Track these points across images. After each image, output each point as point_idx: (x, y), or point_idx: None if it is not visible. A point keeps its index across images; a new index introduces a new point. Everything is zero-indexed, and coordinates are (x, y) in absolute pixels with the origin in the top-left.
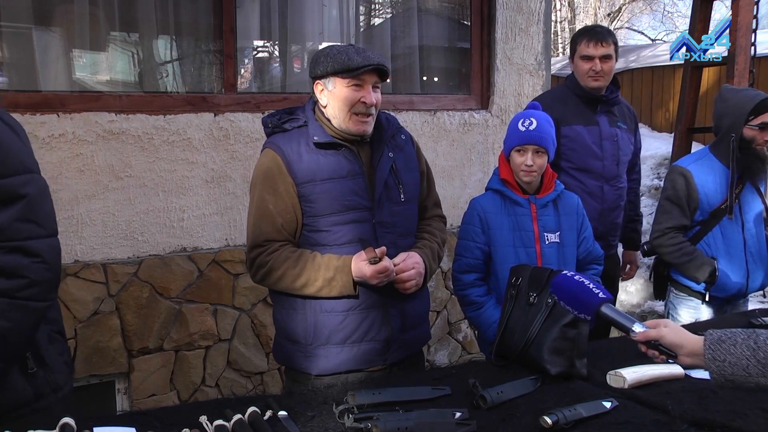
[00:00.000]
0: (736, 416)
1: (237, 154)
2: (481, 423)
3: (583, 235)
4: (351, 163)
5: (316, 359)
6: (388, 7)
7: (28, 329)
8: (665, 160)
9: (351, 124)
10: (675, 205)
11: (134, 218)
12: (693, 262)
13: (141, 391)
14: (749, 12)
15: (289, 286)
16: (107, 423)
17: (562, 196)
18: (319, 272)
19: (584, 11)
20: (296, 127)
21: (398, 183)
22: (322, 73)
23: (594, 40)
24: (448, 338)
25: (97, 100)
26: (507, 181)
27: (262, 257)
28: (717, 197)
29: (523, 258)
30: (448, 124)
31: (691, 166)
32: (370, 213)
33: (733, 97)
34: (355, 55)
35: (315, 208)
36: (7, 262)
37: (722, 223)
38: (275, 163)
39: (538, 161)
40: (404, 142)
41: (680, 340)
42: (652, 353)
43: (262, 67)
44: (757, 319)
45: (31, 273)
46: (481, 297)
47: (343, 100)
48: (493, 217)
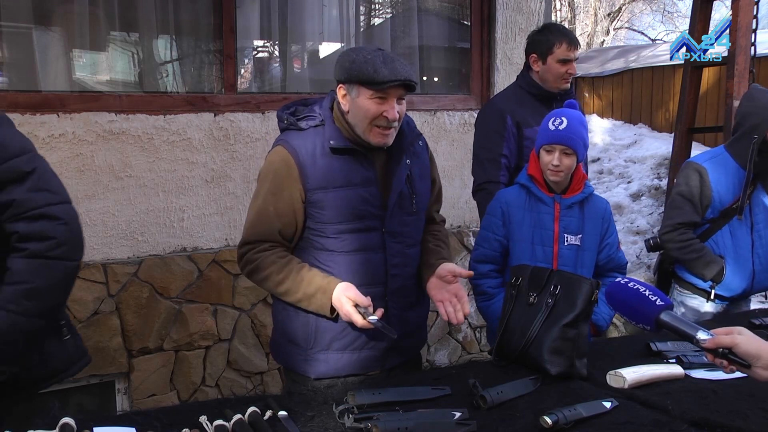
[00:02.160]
0: (736, 416)
1: (237, 154)
2: (481, 423)
3: (607, 241)
4: (366, 170)
5: (315, 363)
6: (388, 7)
7: (63, 287)
8: (665, 160)
9: (371, 136)
10: (687, 201)
11: (134, 218)
12: (701, 259)
13: (141, 391)
14: (749, 12)
15: (272, 289)
16: (107, 423)
17: (590, 199)
18: (300, 285)
19: (584, 11)
20: (312, 126)
21: (412, 193)
22: (345, 78)
23: (573, 45)
24: (448, 338)
25: (97, 100)
26: (534, 178)
27: (251, 254)
28: (729, 196)
29: (540, 256)
30: (448, 124)
31: (707, 163)
32: (380, 222)
33: (763, 97)
34: (382, 67)
35: (325, 215)
36: (34, 228)
37: (732, 223)
38: (286, 164)
39: (566, 161)
40: (421, 150)
41: (757, 350)
42: (720, 362)
43: (262, 67)
44: (758, 319)
45: (57, 234)
46: (494, 288)
47: (365, 112)
48: (516, 211)
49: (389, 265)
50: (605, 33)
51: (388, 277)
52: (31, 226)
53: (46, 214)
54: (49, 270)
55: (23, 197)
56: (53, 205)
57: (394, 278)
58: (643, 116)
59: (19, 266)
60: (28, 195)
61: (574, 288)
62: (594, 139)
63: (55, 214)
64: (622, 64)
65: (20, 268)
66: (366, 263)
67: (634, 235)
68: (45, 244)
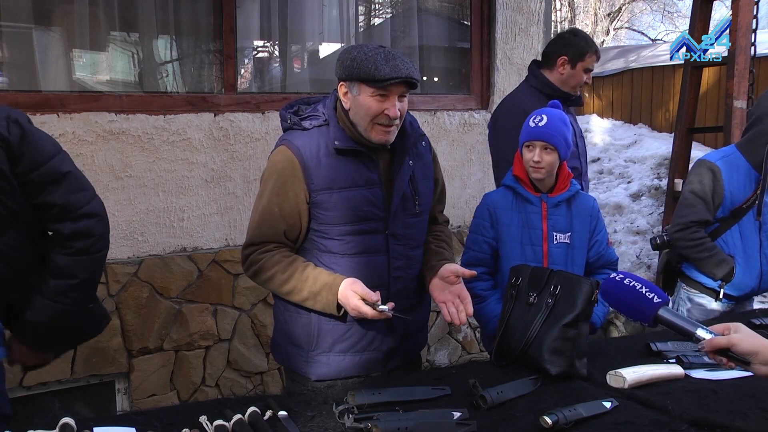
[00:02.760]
0: (736, 416)
1: (237, 154)
2: (481, 423)
3: (596, 238)
4: (370, 172)
5: (316, 365)
6: (388, 7)
7: (101, 272)
8: (665, 160)
9: (373, 134)
10: (700, 199)
11: (134, 218)
12: (713, 258)
13: (141, 391)
14: (749, 12)
15: (276, 290)
16: (107, 423)
17: (577, 197)
18: (306, 283)
19: (584, 11)
20: (317, 126)
21: (415, 194)
22: (346, 76)
23: (598, 57)
24: (448, 338)
25: (97, 100)
26: (520, 178)
27: (256, 255)
28: (740, 196)
29: (530, 256)
30: (448, 124)
31: (719, 162)
32: (383, 224)
33: None
34: (383, 65)
35: (329, 216)
36: (78, 228)
37: (741, 223)
38: (291, 164)
39: (547, 158)
40: (425, 150)
41: (754, 347)
42: (719, 360)
43: (262, 67)
44: (758, 319)
45: (97, 229)
46: (485, 291)
47: (366, 110)
48: (503, 212)
49: (392, 267)
50: (605, 33)
51: (390, 279)
52: (75, 226)
53: (87, 213)
54: (93, 263)
55: (66, 201)
56: (90, 203)
57: (397, 281)
58: (643, 116)
59: (65, 262)
60: (69, 197)
61: (574, 288)
62: (594, 139)
63: (93, 211)
64: (622, 64)
65: (67, 263)
66: (369, 266)
67: (634, 235)
68: (88, 241)
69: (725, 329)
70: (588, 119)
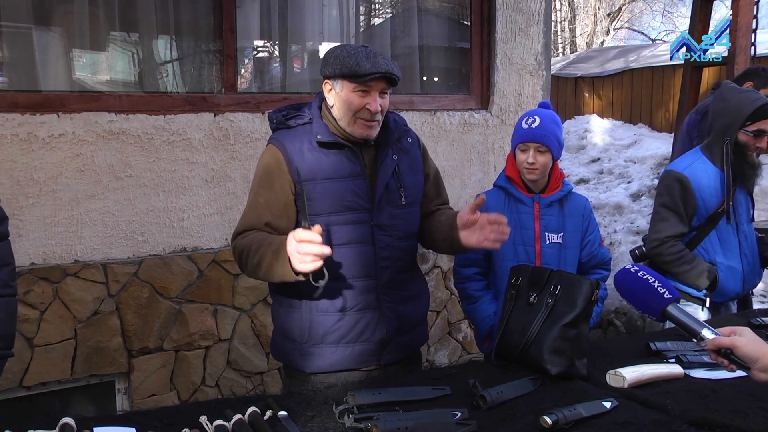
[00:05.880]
0: (736, 416)
1: (237, 154)
2: (481, 423)
3: (588, 238)
4: (353, 164)
5: (311, 357)
6: (388, 7)
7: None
8: (665, 160)
9: (355, 128)
10: (672, 212)
11: (134, 218)
12: (694, 270)
13: (141, 391)
14: (749, 12)
15: (253, 269)
16: (107, 423)
17: (569, 197)
18: (268, 249)
19: (584, 11)
20: (301, 124)
21: (400, 186)
22: (330, 73)
23: None
24: (448, 338)
25: (97, 100)
26: (512, 179)
27: (237, 240)
28: (713, 201)
29: (522, 256)
30: (448, 124)
31: (687, 171)
32: (368, 214)
33: (733, 97)
34: (364, 61)
35: (314, 206)
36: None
37: (718, 228)
38: (276, 159)
39: (541, 159)
40: (410, 145)
41: (756, 352)
42: (721, 361)
43: (262, 67)
44: (757, 319)
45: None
46: (478, 291)
47: (348, 105)
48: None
49: (378, 257)
50: (605, 33)
51: (377, 269)
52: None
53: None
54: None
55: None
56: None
57: (384, 270)
58: (643, 116)
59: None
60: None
61: (574, 288)
62: (594, 139)
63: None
64: (622, 64)
65: None
66: (356, 256)
67: (634, 235)
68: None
69: (731, 332)
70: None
